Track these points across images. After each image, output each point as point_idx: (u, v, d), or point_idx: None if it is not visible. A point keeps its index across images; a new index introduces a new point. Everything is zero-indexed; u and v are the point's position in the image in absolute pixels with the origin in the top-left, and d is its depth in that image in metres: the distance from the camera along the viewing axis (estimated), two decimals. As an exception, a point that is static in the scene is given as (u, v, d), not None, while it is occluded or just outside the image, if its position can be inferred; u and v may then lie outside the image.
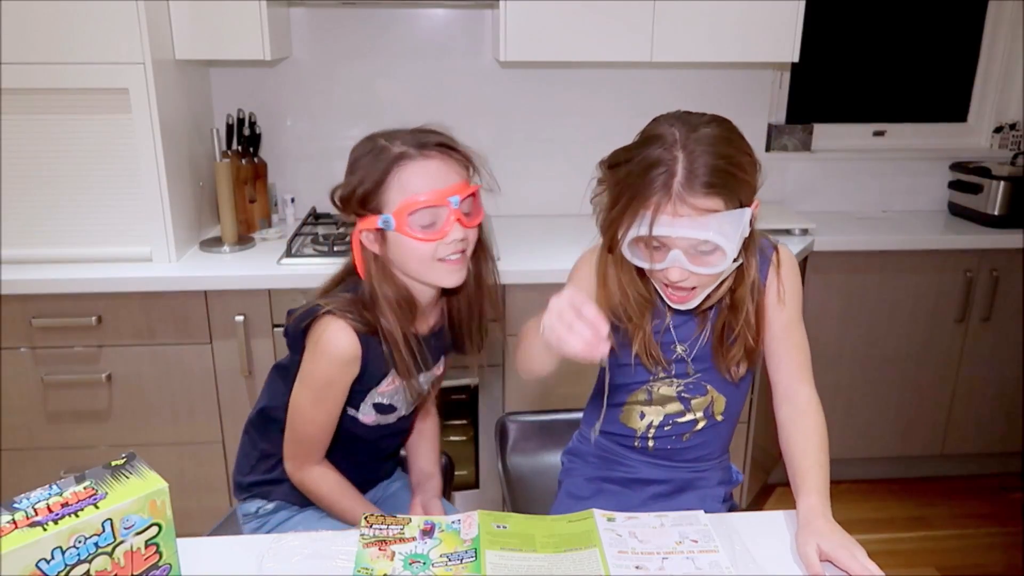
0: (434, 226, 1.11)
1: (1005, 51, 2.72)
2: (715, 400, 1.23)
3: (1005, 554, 2.32)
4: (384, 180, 1.10)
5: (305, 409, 1.20)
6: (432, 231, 1.11)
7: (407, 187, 1.09)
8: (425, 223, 1.10)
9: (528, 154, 2.59)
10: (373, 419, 1.26)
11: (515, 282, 2.05)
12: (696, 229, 0.99)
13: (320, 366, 1.16)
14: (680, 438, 1.25)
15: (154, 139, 1.92)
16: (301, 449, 1.24)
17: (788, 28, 2.17)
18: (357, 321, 1.13)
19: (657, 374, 1.22)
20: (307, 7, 2.38)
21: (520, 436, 1.64)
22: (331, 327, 1.13)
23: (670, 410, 1.24)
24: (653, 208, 1.00)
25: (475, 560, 0.97)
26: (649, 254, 1.05)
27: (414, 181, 1.09)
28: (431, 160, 1.11)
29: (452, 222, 1.11)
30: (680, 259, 1.02)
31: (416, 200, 1.09)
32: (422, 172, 1.10)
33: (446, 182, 1.11)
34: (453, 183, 1.12)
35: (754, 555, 1.01)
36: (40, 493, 0.84)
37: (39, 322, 1.93)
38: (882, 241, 2.38)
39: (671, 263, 1.03)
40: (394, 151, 1.10)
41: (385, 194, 1.10)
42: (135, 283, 1.93)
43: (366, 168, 1.11)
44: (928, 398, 2.55)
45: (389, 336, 1.15)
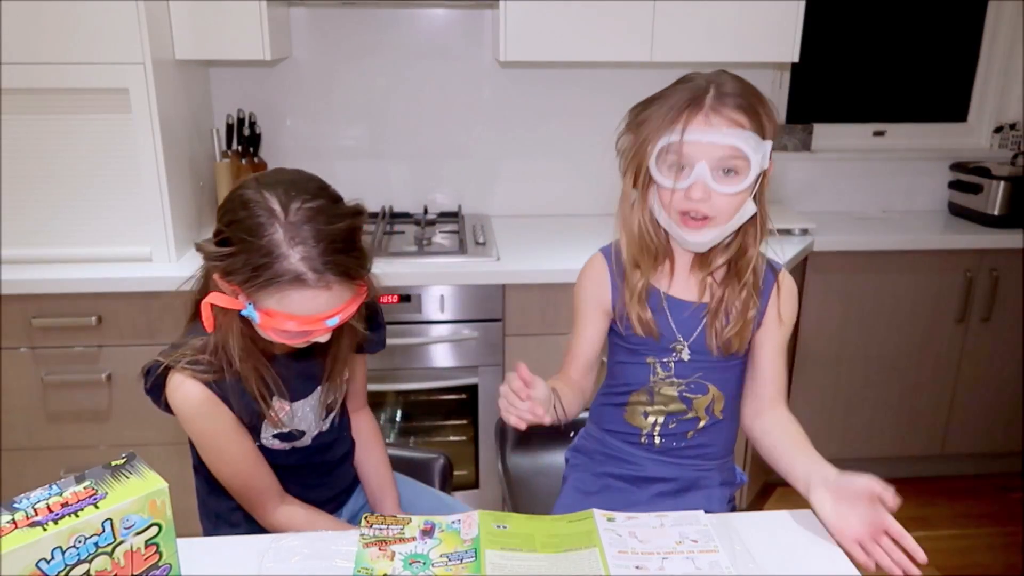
0: (299, 335, 1.03)
1: (1005, 51, 2.72)
2: (716, 399, 1.24)
3: (1005, 554, 2.32)
4: (267, 287, 0.96)
5: (219, 466, 1.15)
6: (295, 338, 1.03)
7: (288, 306, 0.98)
8: (292, 332, 1.01)
9: (528, 154, 2.59)
10: (286, 447, 1.20)
11: (515, 282, 2.05)
12: (726, 136, 1.06)
13: (191, 425, 1.11)
14: (685, 435, 1.26)
15: (154, 139, 1.92)
16: (250, 498, 1.17)
17: (788, 28, 2.17)
18: (201, 369, 1.06)
19: (656, 371, 1.23)
20: (307, 7, 2.38)
21: (520, 436, 1.64)
22: (174, 387, 1.07)
23: (673, 409, 1.25)
24: (684, 118, 1.07)
25: (475, 560, 0.97)
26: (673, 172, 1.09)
27: (297, 306, 0.98)
28: (325, 291, 0.98)
29: (319, 333, 1.03)
30: (704, 173, 1.07)
31: (289, 322, 0.98)
32: (310, 302, 0.98)
33: (331, 307, 1.00)
34: (336, 307, 1.01)
35: (754, 555, 1.01)
36: (40, 493, 0.84)
37: (39, 322, 1.93)
38: (882, 241, 2.38)
39: (696, 177, 1.07)
40: (289, 266, 0.95)
41: (261, 294, 0.98)
42: (135, 283, 1.93)
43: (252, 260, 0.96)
44: (928, 398, 2.55)
45: (240, 375, 1.08)
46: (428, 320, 2.07)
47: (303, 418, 1.20)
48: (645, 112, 1.13)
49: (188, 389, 1.07)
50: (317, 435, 1.24)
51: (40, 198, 1.96)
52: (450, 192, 2.60)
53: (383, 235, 2.26)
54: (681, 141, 1.07)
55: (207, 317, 1.05)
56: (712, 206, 1.09)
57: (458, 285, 2.04)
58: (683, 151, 1.07)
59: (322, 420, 1.24)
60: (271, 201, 0.98)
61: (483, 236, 2.26)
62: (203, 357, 1.08)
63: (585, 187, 2.62)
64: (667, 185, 1.10)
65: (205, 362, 1.07)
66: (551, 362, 2.14)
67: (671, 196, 1.11)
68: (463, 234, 2.29)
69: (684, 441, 1.26)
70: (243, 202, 0.99)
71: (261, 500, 1.17)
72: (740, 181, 1.08)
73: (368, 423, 1.40)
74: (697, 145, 1.07)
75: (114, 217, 1.99)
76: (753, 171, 1.08)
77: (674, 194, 1.10)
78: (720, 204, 1.09)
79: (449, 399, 2.19)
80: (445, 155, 2.56)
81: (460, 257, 2.09)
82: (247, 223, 0.97)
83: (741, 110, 1.07)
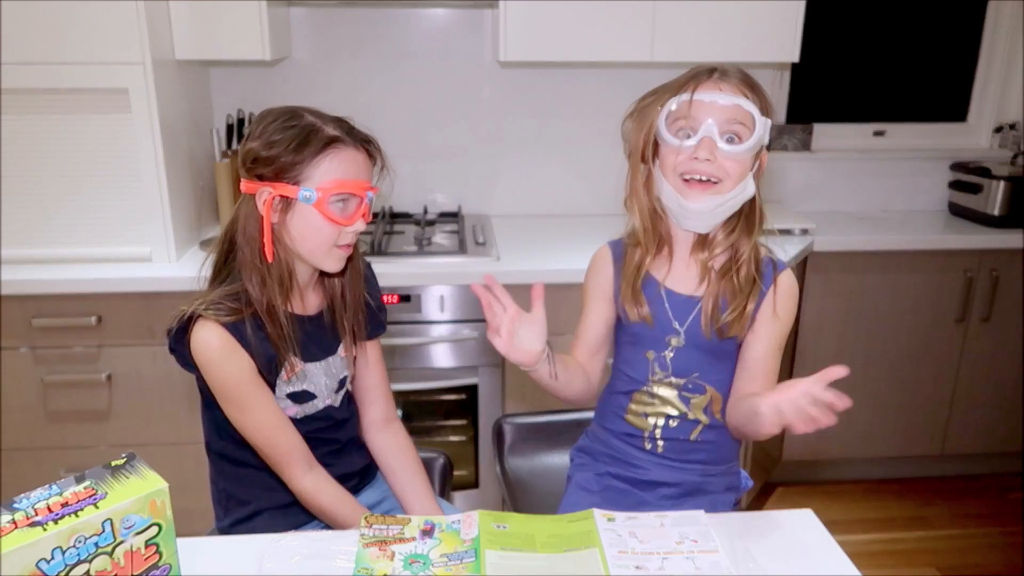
0: (346, 211, 1.15)
1: (1005, 51, 2.72)
2: (714, 399, 1.25)
3: (1005, 554, 2.32)
4: (314, 157, 1.12)
5: (244, 421, 1.17)
6: (343, 216, 1.14)
7: (336, 171, 1.13)
8: (340, 207, 1.14)
9: (528, 154, 2.59)
10: (295, 410, 1.23)
11: (515, 282, 2.04)
12: (732, 98, 1.12)
13: (214, 373, 1.14)
14: (687, 439, 1.26)
15: (154, 139, 1.92)
16: (277, 458, 1.20)
17: (788, 28, 2.17)
18: (222, 311, 1.12)
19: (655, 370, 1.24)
20: (307, 7, 2.38)
21: (517, 437, 1.64)
22: (197, 333, 1.12)
23: (672, 411, 1.25)
24: (694, 83, 1.14)
25: (475, 560, 0.97)
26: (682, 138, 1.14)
27: (343, 167, 1.14)
28: (359, 153, 1.16)
29: (360, 214, 1.17)
30: (712, 131, 1.12)
31: (343, 185, 1.13)
32: (352, 161, 1.15)
33: (366, 176, 1.17)
34: (368, 180, 1.18)
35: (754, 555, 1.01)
36: (40, 493, 0.84)
37: (39, 322, 1.93)
38: (882, 241, 2.38)
39: (704, 133, 1.12)
40: (328, 132, 1.13)
41: (311, 169, 1.12)
42: (135, 283, 1.93)
43: (293, 140, 1.12)
44: (928, 398, 2.55)
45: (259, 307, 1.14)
46: (428, 320, 2.07)
47: (315, 382, 1.24)
48: (650, 97, 1.21)
49: (209, 333, 1.12)
50: (327, 408, 1.27)
51: (40, 198, 1.96)
52: (450, 192, 2.60)
53: (383, 235, 2.26)
54: (691, 100, 1.13)
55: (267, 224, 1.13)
56: (717, 167, 1.13)
57: (458, 285, 2.04)
58: (691, 113, 1.13)
59: (334, 392, 1.27)
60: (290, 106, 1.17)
61: (483, 236, 2.26)
62: (225, 301, 1.13)
63: (585, 187, 2.62)
64: (673, 143, 1.14)
65: (227, 306, 1.13)
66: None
67: (676, 159, 1.15)
68: (463, 234, 2.29)
69: (687, 445, 1.27)
70: (268, 112, 1.16)
71: (287, 460, 1.20)
72: (742, 144, 1.13)
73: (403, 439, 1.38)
74: (705, 105, 1.13)
75: (114, 217, 1.99)
76: (755, 136, 1.13)
77: (679, 156, 1.14)
78: (725, 166, 1.13)
79: (449, 399, 2.19)
80: (445, 155, 2.56)
81: (460, 257, 2.09)
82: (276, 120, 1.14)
83: (745, 84, 1.15)
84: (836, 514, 2.44)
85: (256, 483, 1.25)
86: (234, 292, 1.15)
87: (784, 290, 1.22)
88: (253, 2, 1.99)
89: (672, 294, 1.23)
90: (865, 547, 2.32)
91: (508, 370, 2.12)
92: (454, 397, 2.18)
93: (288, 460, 1.20)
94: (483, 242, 2.21)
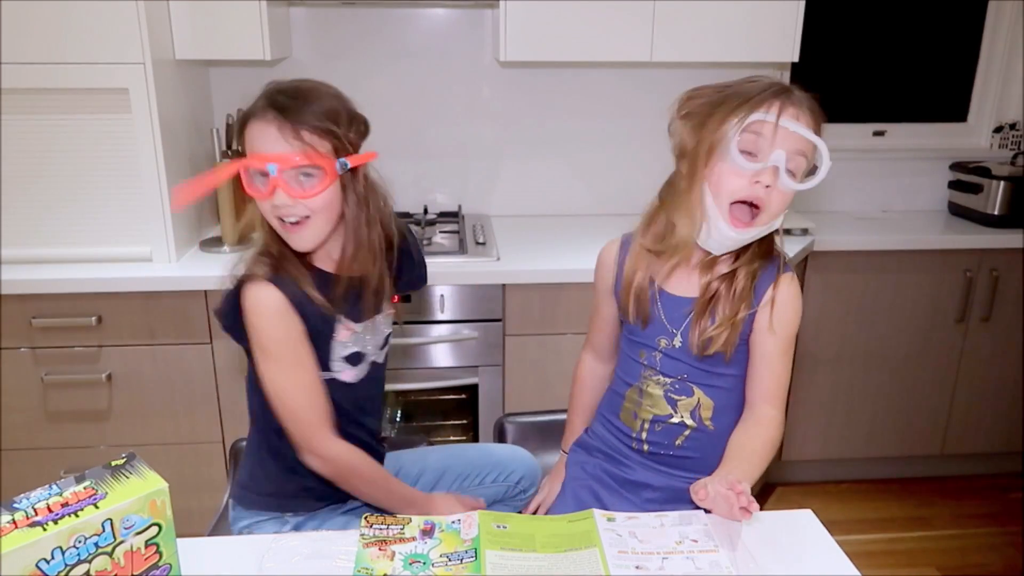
0: (262, 185, 1.14)
1: (1005, 51, 2.72)
2: (702, 403, 1.24)
3: (1005, 554, 2.32)
4: (243, 133, 1.16)
5: (282, 382, 1.17)
6: (259, 189, 1.14)
7: (249, 145, 1.14)
8: (255, 180, 1.14)
9: (528, 154, 2.59)
10: (353, 374, 1.25)
11: (515, 282, 2.05)
12: (809, 132, 1.08)
13: (265, 330, 1.15)
14: (672, 443, 1.26)
15: (154, 139, 1.92)
16: (304, 427, 1.19)
17: (788, 28, 2.17)
18: (266, 268, 1.15)
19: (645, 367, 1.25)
20: (307, 7, 2.38)
21: (519, 437, 1.64)
22: (250, 294, 1.15)
23: (658, 411, 1.26)
24: (780, 104, 1.07)
25: (475, 560, 0.97)
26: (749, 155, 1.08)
27: (251, 142, 1.14)
28: (268, 125, 1.12)
29: (271, 187, 1.13)
30: (782, 161, 1.07)
31: (252, 158, 1.13)
32: (258, 134, 1.13)
33: (273, 148, 1.12)
34: (279, 152, 1.11)
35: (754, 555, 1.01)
36: (40, 493, 0.84)
37: (39, 322, 1.93)
38: (882, 241, 2.38)
39: (774, 161, 1.07)
40: (256, 104, 1.14)
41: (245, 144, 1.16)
42: (135, 283, 1.93)
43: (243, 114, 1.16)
44: (928, 398, 2.55)
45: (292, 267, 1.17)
46: (428, 320, 2.07)
47: (366, 342, 1.26)
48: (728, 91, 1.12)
49: (265, 292, 1.14)
50: (372, 365, 1.29)
51: (40, 198, 1.96)
52: (450, 192, 2.60)
53: (383, 235, 2.26)
54: (776, 123, 1.07)
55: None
56: (771, 197, 1.10)
57: (458, 285, 2.04)
58: (765, 133, 1.07)
59: (379, 350, 1.30)
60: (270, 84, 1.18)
61: (483, 236, 2.26)
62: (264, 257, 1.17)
63: (585, 187, 2.62)
64: (744, 166, 1.08)
65: (266, 264, 1.16)
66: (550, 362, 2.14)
67: (735, 181, 1.09)
68: (463, 234, 2.29)
69: (672, 449, 1.26)
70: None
71: (320, 424, 1.20)
72: (795, 181, 1.10)
73: None
74: (785, 132, 1.07)
75: (114, 217, 1.99)
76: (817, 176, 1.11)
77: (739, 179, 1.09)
78: (775, 200, 1.10)
79: (449, 399, 2.19)
80: (445, 155, 2.56)
81: (460, 257, 2.09)
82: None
83: (814, 116, 1.10)
84: (836, 514, 2.44)
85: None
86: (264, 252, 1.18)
87: (783, 298, 1.19)
88: (253, 2, 1.99)
89: (667, 296, 1.23)
90: (865, 547, 2.32)
91: (508, 370, 2.12)
92: (454, 397, 2.18)
93: (320, 424, 1.20)
94: (483, 242, 2.21)
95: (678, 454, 1.26)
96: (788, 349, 1.21)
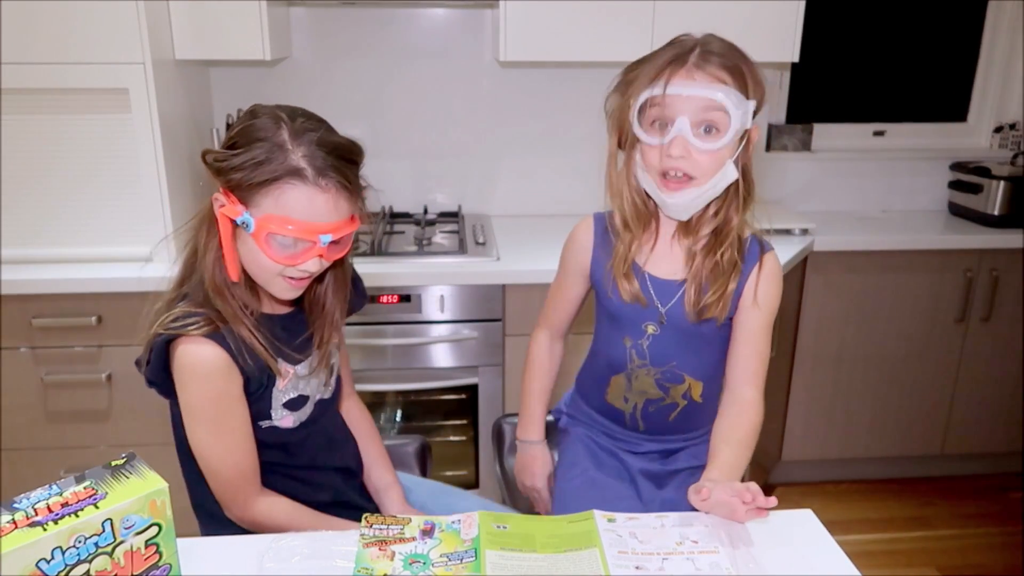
0: (292, 250, 1.02)
1: (1005, 51, 2.72)
2: (692, 386, 1.27)
3: (1005, 554, 2.32)
4: (265, 185, 0.99)
5: (211, 445, 1.09)
6: (288, 255, 1.02)
7: (284, 206, 0.99)
8: (285, 245, 1.02)
9: (528, 154, 2.59)
10: (292, 420, 1.16)
11: (515, 282, 2.05)
12: (707, 90, 1.07)
13: (199, 392, 1.06)
14: (666, 420, 1.30)
15: (154, 139, 1.92)
16: (231, 489, 1.13)
17: (788, 28, 2.17)
18: (206, 324, 1.03)
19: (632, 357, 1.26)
20: (307, 7, 2.38)
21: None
22: (186, 352, 1.04)
23: (650, 396, 1.29)
24: (668, 73, 1.09)
25: (475, 560, 0.97)
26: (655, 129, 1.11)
27: (294, 206, 0.99)
28: (323, 193, 1.00)
29: (312, 255, 1.03)
30: (685, 128, 1.08)
31: (285, 224, 0.99)
32: (307, 201, 0.99)
33: (327, 218, 1.01)
34: (332, 221, 1.02)
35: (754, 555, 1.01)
36: (40, 493, 0.84)
37: (39, 322, 1.93)
38: (882, 241, 2.38)
39: (676, 132, 1.09)
40: (291, 161, 0.98)
41: (259, 196, 1.00)
42: (135, 283, 1.92)
43: (253, 157, 0.99)
44: (928, 398, 2.55)
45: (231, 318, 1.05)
46: (428, 320, 2.07)
47: (307, 383, 1.18)
48: (633, 72, 1.16)
49: (203, 350, 1.04)
50: (319, 402, 1.21)
51: (40, 198, 1.96)
52: (450, 192, 2.60)
53: (383, 235, 2.26)
54: (663, 95, 1.09)
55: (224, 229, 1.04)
56: (693, 164, 1.11)
57: (458, 285, 2.04)
58: (664, 104, 1.09)
59: (322, 384, 1.21)
60: (280, 112, 1.03)
61: (483, 236, 2.26)
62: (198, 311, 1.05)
63: (585, 187, 2.62)
64: (648, 141, 1.12)
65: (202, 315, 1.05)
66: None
67: (652, 155, 1.13)
68: (463, 234, 2.29)
69: (666, 424, 1.31)
70: (252, 112, 1.05)
71: (245, 484, 1.13)
72: (719, 138, 1.10)
73: (359, 407, 1.39)
74: (678, 99, 1.08)
75: (114, 217, 1.99)
76: (733, 128, 1.09)
77: (654, 152, 1.12)
78: (701, 162, 1.11)
79: (449, 399, 2.19)
80: (445, 155, 2.56)
81: (460, 257, 2.09)
82: (255, 126, 1.02)
83: (725, 68, 1.10)
84: (836, 514, 2.44)
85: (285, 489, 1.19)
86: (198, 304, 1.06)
87: (767, 274, 1.21)
88: (253, 2, 1.99)
89: (654, 278, 1.24)
90: (865, 547, 2.32)
91: (508, 370, 2.12)
92: (454, 397, 2.18)
93: (244, 486, 1.13)
94: (483, 242, 2.21)
95: (673, 425, 1.31)
96: (770, 327, 1.24)
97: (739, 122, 1.09)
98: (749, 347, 1.22)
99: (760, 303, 1.20)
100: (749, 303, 1.21)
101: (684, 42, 1.13)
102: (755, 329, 1.22)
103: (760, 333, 1.22)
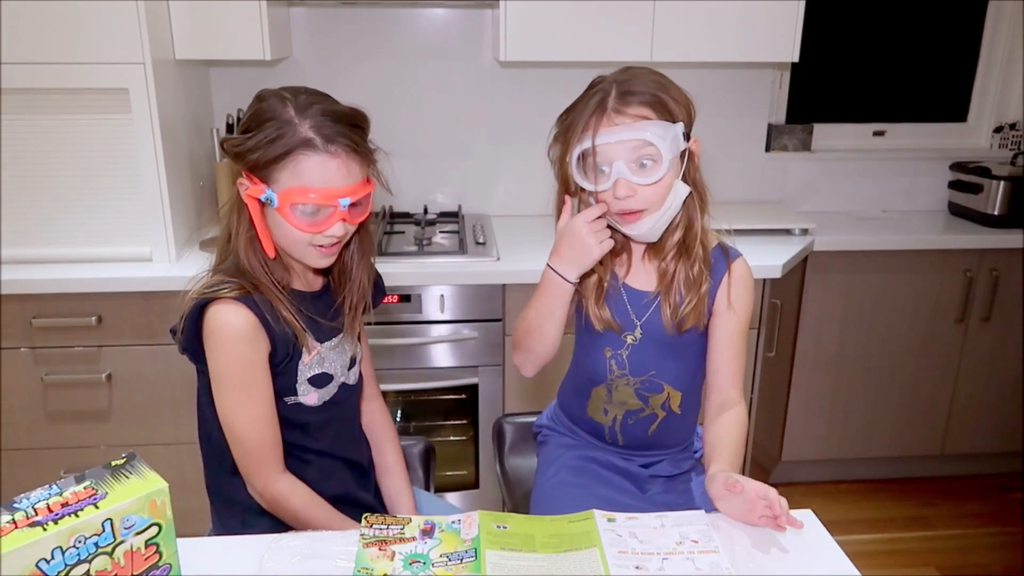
0: (316, 217, 1.09)
1: (1005, 51, 2.72)
2: (671, 396, 1.29)
3: (1005, 554, 2.32)
4: (280, 160, 1.06)
5: (237, 413, 1.12)
6: (313, 222, 1.09)
7: (301, 177, 1.06)
8: (308, 213, 1.08)
9: (528, 154, 2.58)
10: (316, 397, 1.20)
11: (515, 282, 2.05)
12: (632, 131, 1.11)
13: (227, 355, 1.10)
14: (645, 433, 1.31)
15: (154, 139, 1.92)
16: (255, 460, 1.15)
17: (788, 28, 2.17)
18: (237, 291, 1.09)
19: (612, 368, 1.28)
20: (307, 7, 2.38)
21: (518, 437, 1.64)
22: (218, 314, 1.09)
23: (630, 407, 1.30)
24: (593, 124, 1.13)
25: (475, 560, 0.97)
26: (594, 175, 1.14)
27: (309, 175, 1.06)
28: (334, 158, 1.07)
29: (335, 220, 1.10)
30: (623, 170, 1.12)
31: (306, 194, 1.07)
32: (320, 168, 1.06)
33: (342, 182, 1.08)
34: (348, 184, 1.09)
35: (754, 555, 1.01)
36: (40, 493, 0.84)
37: (39, 322, 1.93)
38: (882, 241, 2.38)
39: (616, 175, 1.12)
40: (300, 133, 1.05)
41: (277, 172, 1.07)
42: (135, 283, 1.93)
43: (266, 136, 1.06)
44: (928, 398, 2.55)
45: (265, 288, 1.11)
46: (428, 320, 2.07)
47: (331, 363, 1.21)
48: (566, 121, 1.19)
49: (233, 313, 1.09)
50: (342, 386, 1.24)
51: (40, 198, 1.96)
52: (450, 192, 2.60)
53: (383, 235, 2.26)
54: (593, 146, 1.13)
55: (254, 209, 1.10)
56: (640, 199, 1.14)
57: (458, 285, 2.04)
58: (598, 154, 1.13)
59: (347, 371, 1.25)
60: (284, 92, 1.10)
61: (483, 236, 2.26)
62: (229, 283, 1.10)
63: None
64: (592, 188, 1.16)
65: (235, 282, 1.10)
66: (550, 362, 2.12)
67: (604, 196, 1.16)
68: (463, 234, 2.29)
69: (645, 438, 1.32)
70: (259, 97, 1.11)
71: (267, 459, 1.15)
72: (657, 169, 1.13)
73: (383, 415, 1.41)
74: (608, 147, 1.12)
75: (114, 217, 1.99)
76: (666, 157, 1.12)
77: (606, 194, 1.15)
78: (647, 195, 1.14)
79: (449, 399, 2.19)
80: (445, 155, 2.56)
81: (460, 257, 2.09)
82: (263, 108, 1.08)
83: (644, 104, 1.13)
84: (836, 514, 2.44)
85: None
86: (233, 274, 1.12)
87: (737, 279, 1.24)
88: (253, 2, 1.99)
89: (631, 291, 1.26)
90: (865, 547, 2.32)
91: (508, 370, 2.12)
92: (454, 397, 2.18)
93: (268, 459, 1.16)
94: (483, 242, 2.21)
95: (651, 440, 1.32)
96: (746, 331, 1.26)
97: (671, 149, 1.12)
98: (730, 352, 1.25)
99: (735, 307, 1.23)
100: (723, 308, 1.23)
101: (603, 87, 1.16)
102: (733, 334, 1.24)
103: (737, 337, 1.25)
